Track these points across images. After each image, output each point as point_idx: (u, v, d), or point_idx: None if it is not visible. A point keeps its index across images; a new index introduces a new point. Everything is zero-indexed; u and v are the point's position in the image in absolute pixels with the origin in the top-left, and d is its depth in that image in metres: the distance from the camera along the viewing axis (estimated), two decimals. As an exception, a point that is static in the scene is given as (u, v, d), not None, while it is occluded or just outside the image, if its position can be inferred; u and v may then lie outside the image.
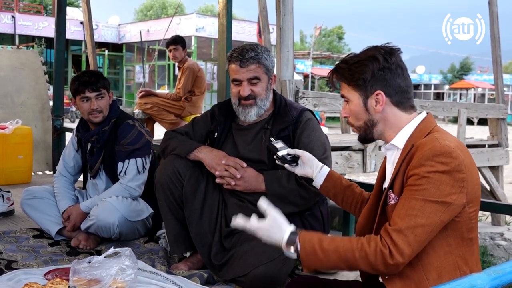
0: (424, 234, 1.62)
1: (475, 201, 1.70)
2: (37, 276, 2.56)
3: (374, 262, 1.64)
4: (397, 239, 1.62)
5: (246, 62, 2.67)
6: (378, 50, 1.79)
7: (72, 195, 3.40)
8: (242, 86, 2.70)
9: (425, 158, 1.64)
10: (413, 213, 1.63)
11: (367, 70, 1.77)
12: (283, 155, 2.21)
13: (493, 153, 8.04)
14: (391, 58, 1.78)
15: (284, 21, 4.96)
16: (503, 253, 7.41)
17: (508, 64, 57.40)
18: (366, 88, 1.79)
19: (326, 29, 48.90)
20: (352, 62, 1.81)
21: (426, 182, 1.63)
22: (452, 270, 1.68)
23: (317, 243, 1.71)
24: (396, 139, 1.82)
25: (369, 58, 1.78)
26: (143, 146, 3.26)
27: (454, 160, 1.62)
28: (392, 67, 1.78)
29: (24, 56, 6.16)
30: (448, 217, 1.64)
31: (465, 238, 1.70)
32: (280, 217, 1.78)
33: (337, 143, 6.24)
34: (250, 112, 2.73)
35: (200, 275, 2.65)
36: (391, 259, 1.62)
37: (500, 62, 8.18)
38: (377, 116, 1.81)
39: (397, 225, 1.64)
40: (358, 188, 2.16)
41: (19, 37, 28.34)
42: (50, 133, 5.89)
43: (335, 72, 1.87)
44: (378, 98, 1.79)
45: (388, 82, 1.78)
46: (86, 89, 3.20)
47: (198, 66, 6.52)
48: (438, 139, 1.68)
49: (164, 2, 50.15)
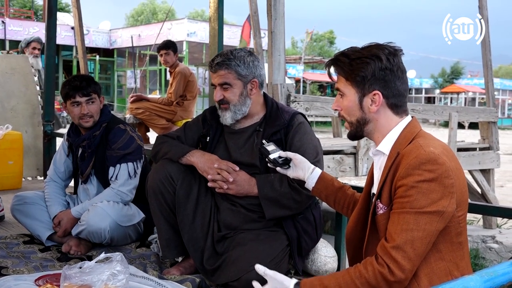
0: (422, 246, 1.62)
1: (462, 205, 1.70)
2: (28, 282, 2.53)
3: (376, 285, 1.63)
4: (397, 256, 1.62)
5: (214, 67, 2.71)
6: (382, 49, 1.77)
7: (63, 201, 3.38)
8: (215, 91, 2.74)
9: (412, 167, 1.64)
10: (408, 227, 1.62)
11: (368, 68, 1.75)
12: (274, 158, 2.21)
13: (484, 156, 8.07)
14: (394, 59, 1.77)
15: (276, 25, 4.97)
16: (495, 256, 7.43)
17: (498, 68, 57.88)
18: (364, 86, 1.78)
19: (317, 34, 49.04)
20: (354, 57, 1.79)
21: (416, 192, 1.63)
22: (444, 276, 1.68)
23: (318, 285, 1.70)
24: (381, 145, 1.81)
25: (373, 56, 1.76)
26: (134, 151, 3.24)
27: (441, 167, 1.62)
28: (394, 69, 1.76)
29: (14, 61, 6.13)
30: (443, 225, 1.64)
31: (454, 242, 1.70)
32: (279, 275, 1.78)
33: (329, 147, 6.25)
34: (225, 116, 2.74)
35: (192, 280, 2.64)
36: (392, 276, 1.61)
37: (490, 66, 8.22)
38: (370, 115, 1.81)
39: (395, 242, 1.63)
40: (350, 190, 2.16)
41: (10, 42, 28.21)
42: (41, 139, 5.87)
43: (334, 63, 1.85)
44: (375, 98, 1.78)
45: (388, 83, 1.77)
46: (77, 93, 3.18)
47: (190, 71, 6.51)
48: (422, 146, 1.67)
49: (155, 7, 50.18)
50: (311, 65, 37.45)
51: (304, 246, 2.75)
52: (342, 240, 3.38)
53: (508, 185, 12.63)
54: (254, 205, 2.70)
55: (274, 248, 2.58)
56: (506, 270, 1.41)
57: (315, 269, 2.94)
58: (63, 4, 37.28)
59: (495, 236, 7.82)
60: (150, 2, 51.23)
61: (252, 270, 2.44)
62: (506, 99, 42.63)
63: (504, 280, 1.40)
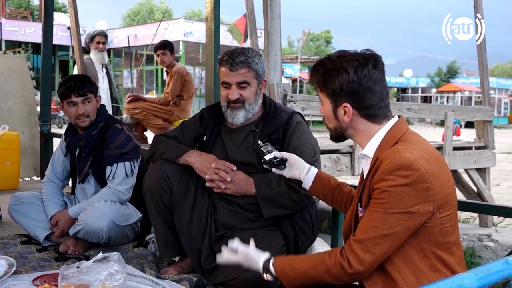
0: (386, 242, 1.66)
1: (447, 205, 1.70)
2: (25, 282, 2.54)
3: (336, 274, 1.72)
4: (357, 249, 1.68)
5: (235, 66, 2.66)
6: (351, 61, 1.76)
7: (60, 201, 3.38)
8: (231, 90, 2.69)
9: (386, 173, 1.66)
10: (374, 224, 1.67)
11: (336, 82, 1.77)
12: (270, 159, 2.21)
13: (480, 155, 8.09)
14: (362, 71, 1.75)
15: (272, 25, 4.98)
16: (491, 254, 7.45)
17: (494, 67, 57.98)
18: (336, 98, 1.80)
19: (313, 34, 49.05)
20: (328, 68, 1.80)
21: (388, 195, 1.65)
22: (431, 272, 1.70)
23: (287, 264, 1.85)
24: (366, 148, 1.84)
25: (341, 69, 1.76)
26: (131, 150, 3.25)
27: (415, 172, 1.63)
28: (362, 81, 1.75)
29: (11, 62, 6.12)
30: (413, 225, 1.66)
31: (440, 242, 1.71)
32: (252, 251, 1.95)
33: (325, 146, 6.26)
34: (237, 115, 2.73)
35: (189, 279, 2.65)
36: (349, 268, 1.69)
37: (486, 65, 8.24)
38: (346, 124, 1.84)
39: (358, 236, 1.70)
40: (347, 187, 2.17)
41: (6, 42, 28.15)
42: (38, 139, 5.86)
43: (312, 72, 1.88)
44: (345, 109, 1.80)
45: (357, 96, 1.77)
46: (73, 93, 3.19)
47: (186, 71, 6.51)
48: (399, 151, 1.68)
49: (151, 7, 50.12)
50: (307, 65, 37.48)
51: (301, 245, 2.75)
52: (338, 239, 3.40)
53: (504, 184, 12.67)
54: (251, 204, 2.70)
55: (271, 247, 2.58)
56: (501, 268, 1.42)
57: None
58: (60, 4, 37.18)
59: (491, 235, 7.84)
60: (146, 2, 51.16)
61: (250, 269, 2.45)
62: (502, 98, 42.73)
63: (499, 278, 1.40)
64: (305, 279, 1.80)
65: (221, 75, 2.74)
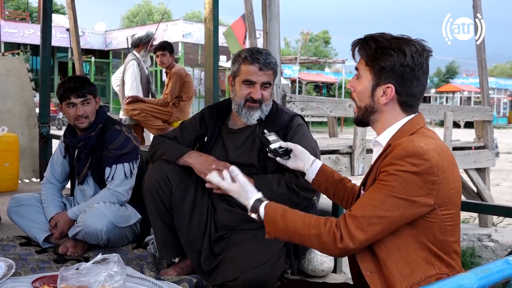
0: (381, 224, 1.65)
1: (450, 205, 1.69)
2: (25, 284, 2.53)
3: (326, 242, 1.69)
4: (351, 224, 1.66)
5: (267, 66, 2.68)
6: (410, 46, 1.74)
7: (60, 202, 3.38)
8: (255, 89, 2.69)
9: (397, 158, 1.65)
10: (372, 203, 1.66)
11: (390, 60, 1.73)
12: (275, 148, 2.21)
13: (480, 155, 8.10)
14: (418, 58, 1.74)
15: (271, 25, 4.98)
16: (490, 254, 7.45)
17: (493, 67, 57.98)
18: (381, 77, 1.77)
19: (312, 34, 49.08)
20: (381, 45, 1.76)
21: (393, 179, 1.64)
22: (425, 264, 1.69)
23: (280, 213, 1.82)
24: (381, 136, 1.83)
25: (398, 49, 1.73)
26: (130, 151, 3.25)
27: (426, 163, 1.62)
28: (415, 68, 1.74)
29: (9, 63, 6.11)
30: (411, 213, 1.65)
31: (438, 239, 1.70)
32: (248, 185, 1.93)
33: (325, 146, 6.27)
34: (254, 115, 2.73)
35: (189, 280, 2.65)
36: (340, 242, 1.66)
37: (485, 65, 8.25)
38: (378, 106, 1.80)
39: (355, 212, 1.68)
40: (350, 183, 2.16)
41: (5, 44, 28.15)
42: (37, 141, 5.85)
43: (360, 44, 1.82)
44: (387, 90, 1.77)
45: (404, 80, 1.75)
46: (72, 94, 3.18)
47: (186, 72, 6.51)
48: (414, 140, 1.68)
49: (150, 9, 50.11)
50: (306, 65, 37.49)
51: (300, 246, 2.75)
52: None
53: (504, 184, 12.67)
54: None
55: (271, 248, 2.59)
56: (501, 268, 1.42)
57: (311, 269, 2.95)
58: (58, 6, 37.23)
59: (491, 235, 7.85)
60: (145, 3, 51.16)
61: (249, 270, 2.45)
62: (502, 98, 42.74)
63: (499, 278, 1.40)
64: (290, 235, 1.79)
65: (245, 73, 2.70)
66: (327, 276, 2.96)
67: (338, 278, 2.97)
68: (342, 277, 3.00)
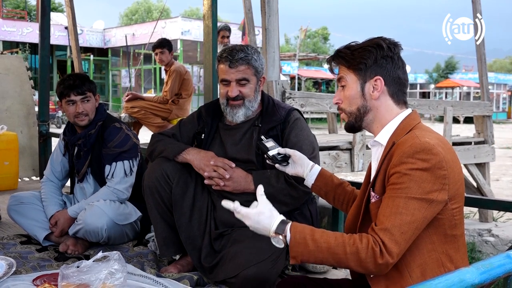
0: (410, 231, 1.62)
1: (457, 197, 1.70)
2: (25, 282, 2.54)
3: (364, 259, 1.61)
4: (385, 238, 1.61)
5: (235, 63, 2.66)
6: (383, 40, 1.82)
7: (60, 200, 3.37)
8: (231, 87, 2.69)
9: (406, 156, 1.65)
10: (398, 211, 1.62)
11: (370, 56, 1.79)
12: (273, 155, 2.20)
13: (479, 150, 8.09)
14: (395, 48, 1.81)
15: (270, 22, 4.96)
16: (491, 249, 7.46)
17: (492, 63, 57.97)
18: (366, 73, 1.80)
19: (310, 31, 49.02)
20: (355, 48, 1.83)
21: (408, 179, 1.63)
22: (436, 267, 1.68)
23: (308, 234, 1.70)
24: (380, 135, 1.83)
25: (374, 45, 1.80)
26: (130, 149, 3.25)
27: (435, 157, 1.63)
28: (394, 57, 1.80)
29: (8, 62, 6.11)
30: (431, 214, 1.64)
31: (448, 235, 1.70)
32: (270, 207, 1.80)
33: (324, 143, 6.25)
34: (237, 113, 2.72)
35: (190, 277, 2.65)
36: (381, 258, 1.60)
37: (484, 60, 8.23)
38: (371, 103, 1.81)
39: (383, 224, 1.63)
40: (350, 186, 2.16)
41: (3, 43, 28.11)
42: (36, 139, 5.85)
43: (335, 56, 1.87)
44: (376, 84, 1.79)
45: (389, 71, 1.80)
46: (71, 92, 3.18)
47: (185, 69, 6.52)
48: (418, 136, 1.69)
49: (149, 6, 50.02)
50: (305, 62, 37.47)
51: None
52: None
53: (504, 179, 12.66)
54: (251, 201, 2.66)
55: (272, 245, 2.58)
56: (502, 262, 1.42)
57: (312, 265, 2.95)
58: (56, 4, 37.15)
59: (491, 230, 7.85)
60: (144, 1, 51.07)
61: (250, 266, 2.45)
62: (501, 93, 42.73)
63: (500, 272, 1.40)
64: (323, 256, 1.67)
65: (220, 72, 2.73)
66: (327, 272, 2.96)
67: (338, 274, 2.97)
68: (343, 273, 3.00)
